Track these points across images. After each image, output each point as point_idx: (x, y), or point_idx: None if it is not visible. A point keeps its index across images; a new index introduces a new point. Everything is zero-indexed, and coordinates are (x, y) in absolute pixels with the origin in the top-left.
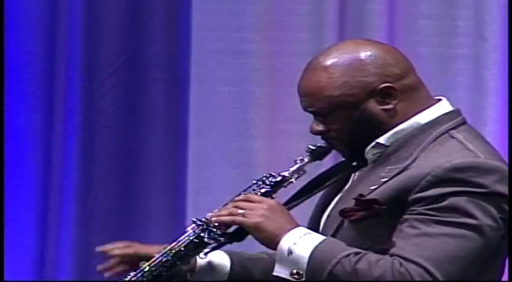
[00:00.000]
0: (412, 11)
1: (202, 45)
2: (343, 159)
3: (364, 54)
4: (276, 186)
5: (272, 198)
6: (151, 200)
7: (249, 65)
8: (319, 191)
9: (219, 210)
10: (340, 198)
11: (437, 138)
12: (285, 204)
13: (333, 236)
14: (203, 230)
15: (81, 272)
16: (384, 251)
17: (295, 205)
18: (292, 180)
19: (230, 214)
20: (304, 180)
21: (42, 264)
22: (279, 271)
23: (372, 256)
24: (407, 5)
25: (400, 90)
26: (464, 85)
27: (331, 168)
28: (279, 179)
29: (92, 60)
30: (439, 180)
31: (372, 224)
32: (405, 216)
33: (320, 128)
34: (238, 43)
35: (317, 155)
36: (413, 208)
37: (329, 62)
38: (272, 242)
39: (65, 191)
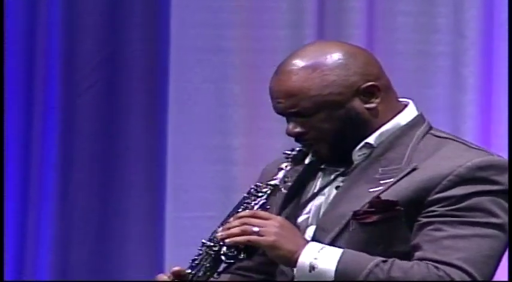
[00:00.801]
0: (391, 8)
1: (182, 42)
2: (305, 163)
3: (345, 53)
4: (269, 198)
5: (267, 209)
6: (131, 197)
7: (229, 62)
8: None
9: (226, 229)
10: (331, 202)
11: (421, 139)
12: None
13: (333, 241)
14: (218, 252)
15: (60, 270)
16: (398, 254)
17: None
18: (282, 188)
19: (244, 233)
20: None
21: (21, 262)
22: None
23: (402, 263)
24: (386, 3)
25: (382, 89)
26: (443, 82)
27: (300, 174)
28: (270, 189)
29: (72, 57)
30: (462, 180)
31: (385, 226)
32: (425, 219)
33: (300, 129)
34: (218, 40)
35: (298, 160)
36: (433, 209)
37: (312, 61)
38: (290, 260)
39: (44, 188)
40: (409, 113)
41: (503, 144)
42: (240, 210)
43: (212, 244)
